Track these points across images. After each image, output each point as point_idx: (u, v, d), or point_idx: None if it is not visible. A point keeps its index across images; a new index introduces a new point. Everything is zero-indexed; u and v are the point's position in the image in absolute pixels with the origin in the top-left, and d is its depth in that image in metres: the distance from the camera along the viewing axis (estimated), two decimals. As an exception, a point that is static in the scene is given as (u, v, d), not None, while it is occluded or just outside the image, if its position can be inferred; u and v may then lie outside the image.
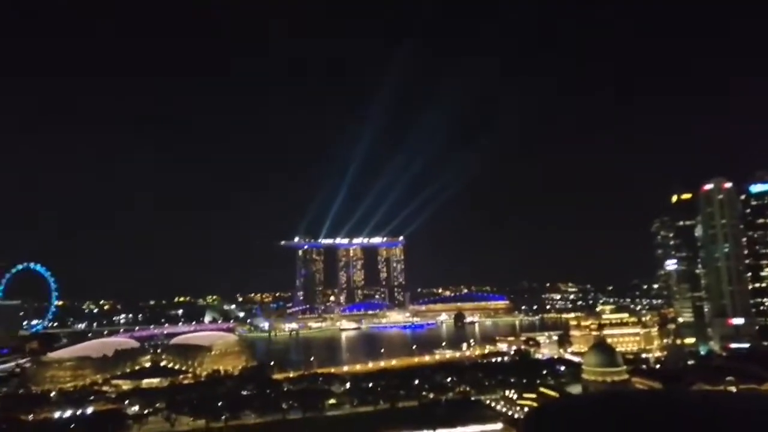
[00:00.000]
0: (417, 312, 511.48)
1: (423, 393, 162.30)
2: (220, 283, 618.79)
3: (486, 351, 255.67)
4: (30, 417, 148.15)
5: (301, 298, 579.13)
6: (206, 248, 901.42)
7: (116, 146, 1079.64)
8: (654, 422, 74.69)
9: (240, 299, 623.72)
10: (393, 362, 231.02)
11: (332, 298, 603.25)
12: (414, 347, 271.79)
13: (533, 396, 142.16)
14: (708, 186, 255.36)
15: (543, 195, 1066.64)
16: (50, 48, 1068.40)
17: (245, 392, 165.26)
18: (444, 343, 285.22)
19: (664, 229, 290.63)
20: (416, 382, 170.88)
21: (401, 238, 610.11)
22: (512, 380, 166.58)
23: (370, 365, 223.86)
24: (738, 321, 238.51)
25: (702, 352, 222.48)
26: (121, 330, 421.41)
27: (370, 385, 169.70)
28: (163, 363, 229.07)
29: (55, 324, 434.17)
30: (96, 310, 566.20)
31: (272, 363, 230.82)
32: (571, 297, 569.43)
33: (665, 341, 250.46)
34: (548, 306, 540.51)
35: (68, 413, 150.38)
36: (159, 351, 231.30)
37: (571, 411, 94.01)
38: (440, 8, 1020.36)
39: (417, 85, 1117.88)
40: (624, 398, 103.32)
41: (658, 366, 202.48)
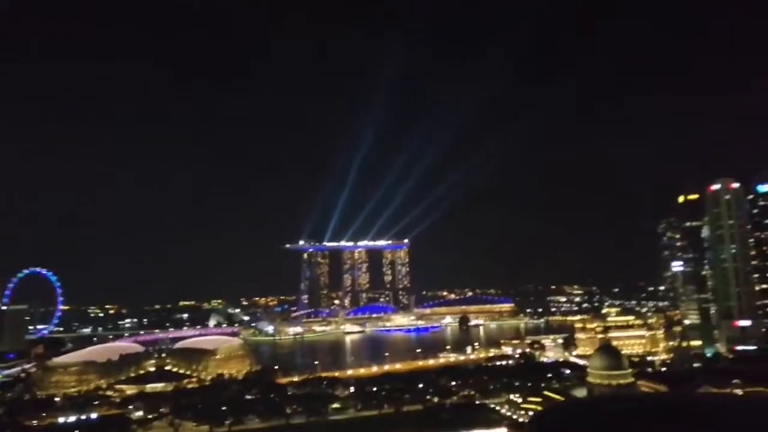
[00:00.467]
0: (422, 315, 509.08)
1: (427, 397, 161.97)
2: (225, 287, 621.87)
3: (491, 354, 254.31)
4: (35, 422, 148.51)
5: (306, 302, 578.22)
6: (211, 252, 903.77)
7: (132, 152, 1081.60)
8: (660, 426, 74.21)
9: (245, 303, 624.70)
10: (397, 366, 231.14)
11: (337, 302, 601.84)
12: (418, 351, 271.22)
13: (538, 400, 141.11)
14: (715, 186, 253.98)
15: (548, 197, 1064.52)
16: (55, 48, 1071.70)
17: (249, 396, 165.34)
18: (448, 347, 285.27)
19: (671, 231, 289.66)
20: (421, 386, 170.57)
21: (406, 241, 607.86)
22: (517, 384, 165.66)
23: (375, 369, 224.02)
24: (745, 323, 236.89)
25: (708, 355, 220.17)
26: (126, 334, 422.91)
27: (375, 389, 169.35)
28: (168, 367, 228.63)
29: (61, 328, 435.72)
30: (101, 315, 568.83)
31: (276, 367, 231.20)
32: (577, 299, 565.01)
33: (671, 344, 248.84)
34: (553, 309, 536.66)
35: (73, 418, 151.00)
36: (163, 355, 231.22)
37: (576, 415, 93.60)
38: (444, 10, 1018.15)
39: (421, 87, 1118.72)
40: (629, 402, 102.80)
41: (664, 369, 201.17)
